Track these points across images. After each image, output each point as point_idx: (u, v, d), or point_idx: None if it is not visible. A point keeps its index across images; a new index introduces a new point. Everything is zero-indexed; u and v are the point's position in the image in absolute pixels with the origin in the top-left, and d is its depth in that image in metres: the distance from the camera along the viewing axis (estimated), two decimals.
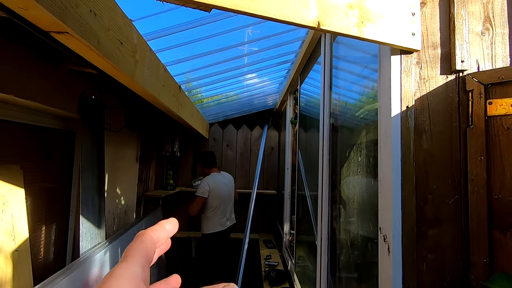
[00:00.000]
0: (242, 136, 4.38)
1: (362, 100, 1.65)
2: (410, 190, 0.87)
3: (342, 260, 1.69)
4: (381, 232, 0.90)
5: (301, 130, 3.05)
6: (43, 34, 1.05)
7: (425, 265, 0.86)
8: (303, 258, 2.67)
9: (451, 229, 0.88)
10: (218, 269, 3.13)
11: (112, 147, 2.48)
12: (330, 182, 1.75)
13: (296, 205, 2.98)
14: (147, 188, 3.44)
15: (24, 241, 1.60)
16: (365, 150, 1.42)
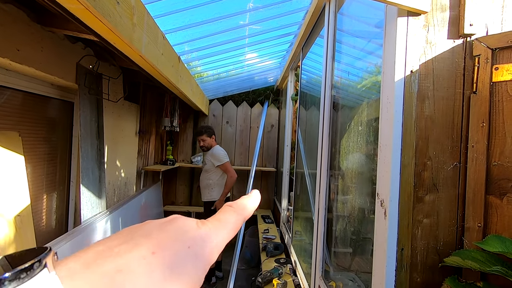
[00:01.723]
0: (242, 113, 4.35)
1: (365, 76, 1.62)
2: (410, 155, 0.87)
3: (337, 234, 1.73)
4: (379, 198, 0.91)
5: (301, 108, 3.02)
6: None
7: (420, 229, 0.88)
8: (300, 232, 2.73)
9: (447, 195, 0.88)
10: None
11: (111, 119, 2.47)
12: (329, 157, 1.75)
13: (295, 182, 3.02)
14: (147, 163, 3.46)
15: (26, 207, 1.62)
16: (365, 126, 1.41)
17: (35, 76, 1.70)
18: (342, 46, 1.77)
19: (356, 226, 1.62)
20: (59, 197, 2.08)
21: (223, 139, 4.32)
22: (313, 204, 2.22)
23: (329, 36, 1.72)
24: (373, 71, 1.49)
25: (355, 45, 1.85)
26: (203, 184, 3.11)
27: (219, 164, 3.07)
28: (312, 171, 2.42)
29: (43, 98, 1.87)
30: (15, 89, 1.64)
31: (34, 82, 1.75)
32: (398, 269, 0.85)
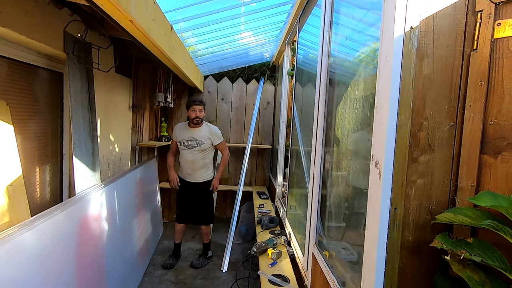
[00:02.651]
0: (237, 89, 4.28)
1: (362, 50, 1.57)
2: (406, 115, 0.86)
3: (331, 209, 1.75)
4: (373, 159, 0.90)
5: (298, 85, 2.98)
6: None
7: (413, 189, 0.88)
8: (295, 207, 2.77)
9: (442, 156, 0.88)
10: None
11: (103, 92, 2.40)
12: (324, 133, 1.74)
13: (290, 159, 3.02)
14: (141, 139, 3.43)
15: (18, 177, 1.60)
16: (361, 101, 1.39)
17: (20, 42, 1.62)
18: (340, 16, 1.71)
19: (349, 201, 1.64)
20: (52, 170, 2.06)
21: (219, 116, 4.28)
22: (308, 179, 2.24)
23: (327, 4, 1.66)
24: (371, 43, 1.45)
25: (354, 15, 1.79)
26: (199, 164, 2.92)
27: (219, 142, 2.99)
28: (308, 148, 2.41)
29: (30, 67, 1.80)
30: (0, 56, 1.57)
31: (20, 49, 1.67)
32: (390, 228, 0.86)
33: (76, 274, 1.60)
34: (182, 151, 2.90)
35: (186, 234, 3.30)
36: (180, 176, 2.99)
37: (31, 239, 1.28)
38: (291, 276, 1.83)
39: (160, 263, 3.02)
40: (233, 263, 3.12)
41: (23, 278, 1.20)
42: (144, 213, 2.98)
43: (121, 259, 2.26)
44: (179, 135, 2.90)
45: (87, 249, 1.76)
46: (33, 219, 1.34)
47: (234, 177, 4.36)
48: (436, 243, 0.80)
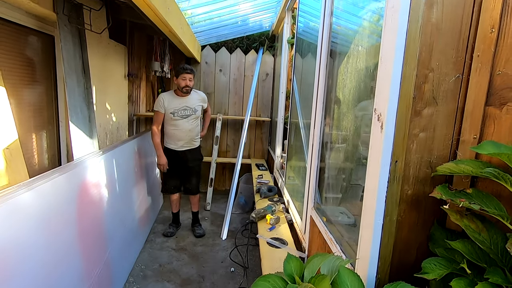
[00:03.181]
0: (236, 60, 4.17)
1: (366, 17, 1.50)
2: (412, 66, 0.83)
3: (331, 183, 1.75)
4: (376, 112, 0.89)
5: (297, 55, 2.90)
6: None
7: (415, 143, 0.88)
8: (293, 177, 2.80)
9: (446, 109, 0.86)
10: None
11: (97, 58, 2.33)
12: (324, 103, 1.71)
13: (289, 130, 3.01)
14: (138, 110, 3.39)
15: (14, 140, 1.58)
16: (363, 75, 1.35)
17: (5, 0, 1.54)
18: None
19: (347, 171, 1.64)
20: (49, 137, 2.04)
21: (216, 88, 4.20)
22: (306, 151, 2.24)
23: None
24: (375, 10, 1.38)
25: None
26: (195, 132, 2.90)
27: (206, 105, 3.02)
28: (307, 120, 2.39)
29: (20, 28, 1.73)
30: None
31: (7, 7, 1.59)
32: (390, 181, 0.86)
33: (78, 237, 1.63)
34: (176, 121, 2.77)
35: (183, 205, 3.35)
36: (170, 148, 2.86)
37: (31, 199, 1.29)
38: (289, 239, 1.88)
39: (160, 231, 3.09)
40: (232, 231, 3.20)
41: (23, 238, 1.22)
42: (143, 184, 3.00)
43: (122, 225, 2.30)
44: (169, 105, 2.72)
45: (88, 214, 1.78)
46: (31, 180, 1.34)
47: (232, 150, 4.37)
48: (436, 194, 0.80)
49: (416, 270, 0.81)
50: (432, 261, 0.81)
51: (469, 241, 0.78)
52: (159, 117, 2.74)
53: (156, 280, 2.32)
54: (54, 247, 1.40)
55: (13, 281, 1.13)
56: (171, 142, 2.86)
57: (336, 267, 0.81)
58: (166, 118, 2.76)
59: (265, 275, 0.77)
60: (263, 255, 1.70)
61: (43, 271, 1.31)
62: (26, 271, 1.20)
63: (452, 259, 0.81)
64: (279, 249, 1.76)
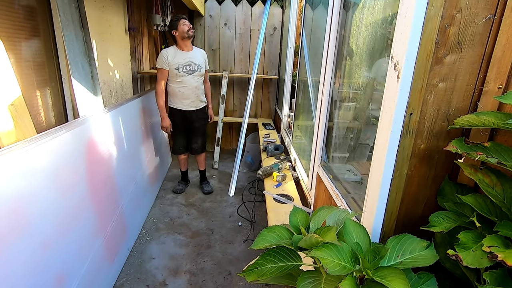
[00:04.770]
0: (241, 13, 3.92)
1: None
2: (438, 5, 0.74)
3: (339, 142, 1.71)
4: (393, 61, 0.82)
5: (308, 7, 2.68)
6: None
7: (433, 94, 0.81)
8: (300, 136, 2.77)
9: (472, 55, 0.79)
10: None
11: (95, 9, 2.20)
12: (335, 60, 1.60)
13: (297, 89, 2.90)
14: (142, 67, 3.29)
15: (17, 96, 1.56)
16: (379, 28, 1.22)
17: None
18: None
19: (356, 130, 1.59)
20: (53, 94, 2.02)
21: (222, 43, 4.01)
22: (314, 110, 2.17)
23: None
24: None
25: None
26: (201, 89, 2.82)
27: (207, 69, 2.89)
28: (316, 78, 2.28)
29: None
30: None
31: None
32: (403, 135, 0.82)
33: (90, 192, 1.68)
34: (181, 78, 2.65)
35: (191, 163, 3.40)
36: (176, 108, 2.78)
37: (41, 155, 1.30)
38: (295, 196, 1.91)
39: (170, 188, 3.20)
40: (239, 189, 3.28)
41: (36, 190, 1.25)
42: (151, 142, 3.03)
43: (132, 181, 2.37)
44: (173, 60, 2.58)
45: (98, 170, 1.82)
46: (39, 136, 1.34)
47: (239, 109, 4.31)
48: (451, 147, 0.77)
49: (422, 224, 0.81)
50: (440, 214, 0.80)
51: (480, 195, 0.76)
52: (163, 74, 2.62)
53: (168, 232, 2.45)
54: (67, 201, 1.45)
55: (31, 228, 1.19)
56: (177, 102, 2.77)
57: (342, 219, 0.81)
58: (170, 75, 2.65)
59: (271, 226, 0.78)
60: (269, 210, 1.74)
61: (58, 222, 1.37)
62: (42, 221, 1.26)
63: (460, 213, 0.80)
64: (285, 204, 1.80)
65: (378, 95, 1.34)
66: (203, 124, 3.00)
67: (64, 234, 1.41)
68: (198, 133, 2.98)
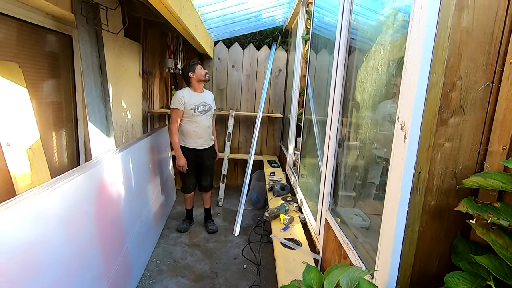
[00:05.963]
0: (248, 56, 4.14)
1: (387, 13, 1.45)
2: (439, 73, 0.80)
3: (346, 181, 1.73)
4: (399, 121, 0.86)
5: (312, 51, 2.84)
6: None
7: (440, 153, 0.85)
8: (306, 175, 2.78)
9: (474, 118, 0.83)
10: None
11: (113, 56, 2.36)
12: (341, 104, 1.68)
13: (302, 129, 2.97)
14: (152, 106, 3.42)
15: (36, 140, 1.63)
16: (384, 71, 1.31)
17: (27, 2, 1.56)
18: None
19: (364, 171, 1.62)
20: (68, 135, 2.09)
21: (229, 84, 4.19)
22: (320, 149, 2.21)
23: None
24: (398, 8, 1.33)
25: None
26: (211, 129, 2.96)
27: (215, 108, 3.02)
28: (320, 117, 2.36)
29: (39, 29, 1.76)
30: (7, 15, 1.52)
31: (28, 10, 1.62)
32: (413, 192, 0.84)
33: (97, 233, 1.68)
34: (196, 117, 2.77)
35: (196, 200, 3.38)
36: (190, 147, 2.84)
37: (54, 199, 1.32)
38: (303, 240, 1.87)
39: (174, 227, 3.15)
40: (244, 228, 3.23)
41: (48, 236, 1.26)
42: (157, 179, 3.05)
43: (138, 220, 2.35)
44: (189, 102, 2.71)
45: (107, 210, 1.83)
46: (53, 180, 1.38)
47: (244, 147, 4.37)
48: (462, 207, 0.78)
49: (438, 282, 0.80)
50: (455, 275, 0.79)
51: (495, 256, 0.76)
52: (178, 114, 2.71)
53: (171, 275, 2.37)
54: (76, 244, 1.45)
55: (40, 274, 1.18)
56: (191, 141, 2.84)
57: (355, 278, 0.80)
58: (185, 116, 2.75)
59: (284, 285, 0.77)
60: (277, 256, 1.70)
61: (66, 266, 1.35)
62: (51, 266, 1.25)
63: (476, 273, 0.79)
64: (294, 250, 1.76)
65: (381, 135, 1.38)
66: (213, 162, 3.06)
67: (70, 278, 1.38)
68: (208, 171, 3.03)
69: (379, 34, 1.47)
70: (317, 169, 2.22)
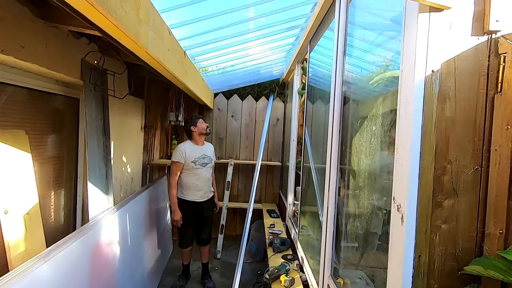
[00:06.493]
0: (247, 106, 4.30)
1: (377, 72, 1.57)
2: (429, 159, 0.84)
3: (345, 230, 1.71)
4: (395, 202, 0.88)
5: (309, 102, 2.97)
6: None
7: (438, 235, 0.85)
8: (306, 227, 2.73)
9: (467, 200, 0.85)
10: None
11: (117, 115, 2.45)
12: (339, 154, 1.72)
13: (301, 177, 2.99)
14: (152, 158, 3.46)
15: (34, 205, 1.62)
16: (379, 122, 1.37)
17: (39, 73, 1.67)
18: (354, 40, 1.71)
19: (364, 222, 1.60)
20: (67, 194, 2.09)
21: (228, 132, 4.29)
22: (320, 200, 2.20)
23: (340, 29, 1.66)
24: (387, 65, 1.45)
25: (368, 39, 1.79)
26: (211, 181, 2.97)
27: (215, 160, 3.06)
28: (319, 165, 2.39)
29: (48, 94, 1.85)
30: (20, 86, 1.62)
31: (39, 79, 1.72)
32: (414, 277, 0.83)
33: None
34: (196, 170, 2.78)
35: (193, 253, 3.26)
36: (189, 200, 2.81)
37: (48, 270, 1.28)
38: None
39: (169, 284, 2.99)
40: (243, 283, 3.06)
41: None
42: (154, 233, 2.97)
43: (131, 281, 2.24)
44: (190, 154, 2.75)
45: (100, 273, 1.75)
46: (48, 251, 1.35)
47: (243, 194, 4.34)
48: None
49: None
50: None
51: None
52: (178, 167, 2.73)
53: None
54: None
55: None
56: (191, 194, 2.81)
57: None
58: (185, 168, 2.76)
59: None
60: None
61: None
62: None
63: None
64: None
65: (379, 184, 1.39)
66: (212, 214, 3.02)
67: None
68: (207, 223, 2.96)
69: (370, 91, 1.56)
70: (318, 220, 2.18)
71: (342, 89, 1.70)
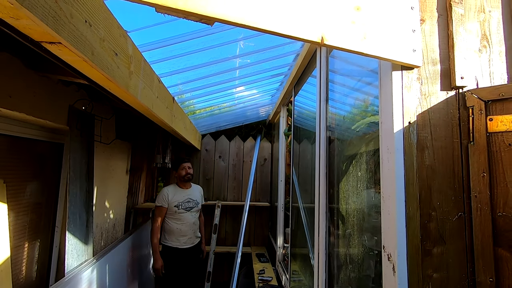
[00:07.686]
0: (234, 147, 4.34)
1: (358, 114, 1.66)
2: (414, 207, 0.85)
3: (340, 276, 1.66)
4: (385, 251, 0.88)
5: (295, 142, 3.04)
6: (33, 44, 1.01)
7: (431, 285, 0.84)
8: (298, 272, 2.62)
9: (455, 247, 0.86)
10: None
11: (102, 159, 2.40)
12: (327, 196, 1.73)
13: (290, 218, 2.94)
14: (137, 201, 3.34)
15: (4, 260, 1.50)
16: (364, 162, 1.41)
17: (25, 120, 1.66)
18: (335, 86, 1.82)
19: (357, 264, 1.56)
20: (42, 245, 1.95)
21: (216, 173, 4.26)
22: (310, 242, 2.15)
23: (321, 79, 1.78)
24: (367, 108, 1.53)
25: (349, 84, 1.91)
26: (197, 225, 2.87)
27: (203, 203, 2.99)
28: (308, 205, 2.37)
29: (31, 141, 1.82)
30: (3, 134, 1.59)
31: (24, 126, 1.70)
32: None
33: None
34: (180, 215, 2.70)
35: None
36: (172, 246, 2.69)
37: None
38: None
39: None
40: None
41: None
42: (135, 285, 2.76)
43: None
44: (173, 198, 2.69)
45: None
46: None
47: (231, 237, 4.18)
48: None
49: None
50: None
51: None
52: (162, 212, 2.65)
53: None
54: None
55: None
56: (174, 239, 2.69)
57: None
58: (168, 213, 2.68)
59: None
60: None
61: None
62: None
63: None
64: None
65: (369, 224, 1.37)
66: (200, 260, 2.87)
67: None
68: (192, 272, 2.79)
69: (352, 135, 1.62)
70: (309, 264, 2.11)
71: (326, 133, 1.77)
